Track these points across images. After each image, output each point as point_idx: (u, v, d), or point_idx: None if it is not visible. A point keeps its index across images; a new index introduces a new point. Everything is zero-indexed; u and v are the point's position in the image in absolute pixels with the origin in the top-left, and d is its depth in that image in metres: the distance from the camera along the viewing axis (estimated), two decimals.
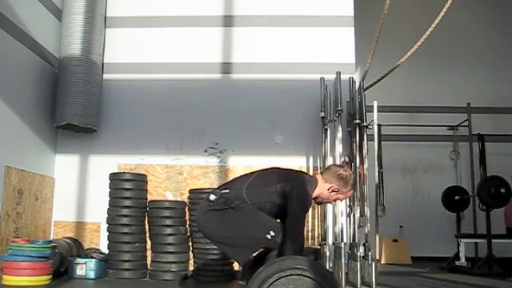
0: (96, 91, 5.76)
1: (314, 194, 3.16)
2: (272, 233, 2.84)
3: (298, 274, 2.36)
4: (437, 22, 5.12)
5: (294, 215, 2.90)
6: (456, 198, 7.93)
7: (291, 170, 3.36)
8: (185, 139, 5.90)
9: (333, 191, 3.18)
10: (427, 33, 5.21)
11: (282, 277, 2.36)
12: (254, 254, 3.04)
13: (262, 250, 3.04)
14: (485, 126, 8.85)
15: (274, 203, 3.00)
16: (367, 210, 4.93)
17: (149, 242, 5.22)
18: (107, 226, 5.14)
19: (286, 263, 2.43)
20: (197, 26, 6.20)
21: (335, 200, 3.30)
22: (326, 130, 5.44)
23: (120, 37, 6.19)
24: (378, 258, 5.63)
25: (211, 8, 6.22)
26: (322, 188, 3.17)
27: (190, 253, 5.24)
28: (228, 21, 6.19)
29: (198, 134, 5.90)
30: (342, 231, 4.93)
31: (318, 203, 3.40)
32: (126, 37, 6.20)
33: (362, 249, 4.74)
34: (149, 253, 5.21)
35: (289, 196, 2.96)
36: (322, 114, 5.44)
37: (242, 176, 3.24)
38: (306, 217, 3.03)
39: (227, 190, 3.01)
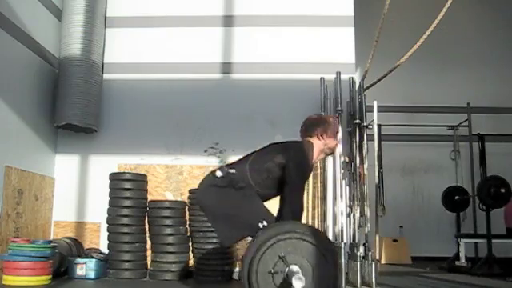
0: (96, 91, 5.76)
1: (316, 154, 3.21)
2: (265, 223, 2.83)
3: (297, 238, 2.34)
4: (437, 21, 5.12)
5: (292, 182, 2.92)
6: (456, 198, 7.91)
7: (288, 141, 3.32)
8: (185, 139, 5.90)
9: (322, 137, 3.22)
10: (427, 33, 5.20)
11: (281, 240, 2.34)
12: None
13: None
14: (485, 126, 8.85)
15: (276, 178, 3.02)
16: (367, 210, 4.93)
17: (149, 242, 5.22)
18: (107, 226, 5.14)
19: (285, 227, 2.43)
20: (197, 25, 6.20)
21: (336, 142, 3.32)
22: None
23: (120, 37, 6.19)
24: (377, 257, 5.63)
25: (211, 8, 6.23)
26: (316, 144, 3.22)
27: (190, 253, 5.24)
28: (228, 21, 6.19)
29: (198, 133, 5.90)
30: (341, 231, 4.93)
31: (331, 154, 3.54)
32: (125, 37, 6.21)
33: (361, 249, 4.74)
34: (149, 253, 5.21)
35: (287, 164, 2.97)
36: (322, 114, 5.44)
37: (244, 157, 3.23)
38: (305, 183, 3.04)
39: (233, 171, 3.02)
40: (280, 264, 2.29)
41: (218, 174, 3.01)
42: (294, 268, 2.27)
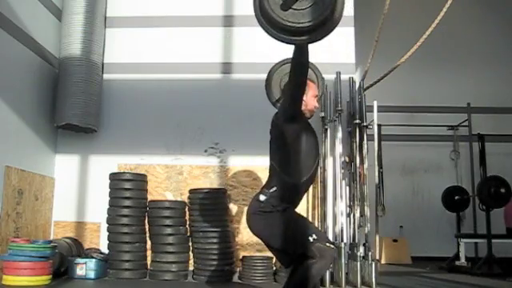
0: (96, 91, 5.76)
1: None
2: (315, 236, 2.79)
3: None
4: (437, 22, 5.12)
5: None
6: (456, 198, 7.93)
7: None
8: (185, 139, 5.89)
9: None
10: (427, 33, 5.20)
11: None
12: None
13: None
14: (485, 126, 8.85)
15: (288, 143, 3.16)
16: (367, 210, 4.94)
17: (149, 242, 5.22)
18: (107, 226, 5.15)
19: None
20: (197, 25, 6.19)
21: (314, 102, 3.28)
22: (326, 129, 5.44)
23: (120, 37, 6.19)
24: (377, 257, 5.64)
25: (211, 8, 6.22)
26: None
27: (190, 253, 5.24)
28: (228, 21, 6.19)
29: (198, 133, 5.90)
30: (342, 231, 4.94)
31: (311, 115, 3.34)
32: (125, 37, 6.20)
33: (361, 249, 4.75)
34: (149, 253, 5.21)
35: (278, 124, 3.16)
36: (322, 114, 5.44)
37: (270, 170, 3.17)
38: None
39: (274, 188, 2.96)
40: None
41: (262, 198, 2.95)
42: None
